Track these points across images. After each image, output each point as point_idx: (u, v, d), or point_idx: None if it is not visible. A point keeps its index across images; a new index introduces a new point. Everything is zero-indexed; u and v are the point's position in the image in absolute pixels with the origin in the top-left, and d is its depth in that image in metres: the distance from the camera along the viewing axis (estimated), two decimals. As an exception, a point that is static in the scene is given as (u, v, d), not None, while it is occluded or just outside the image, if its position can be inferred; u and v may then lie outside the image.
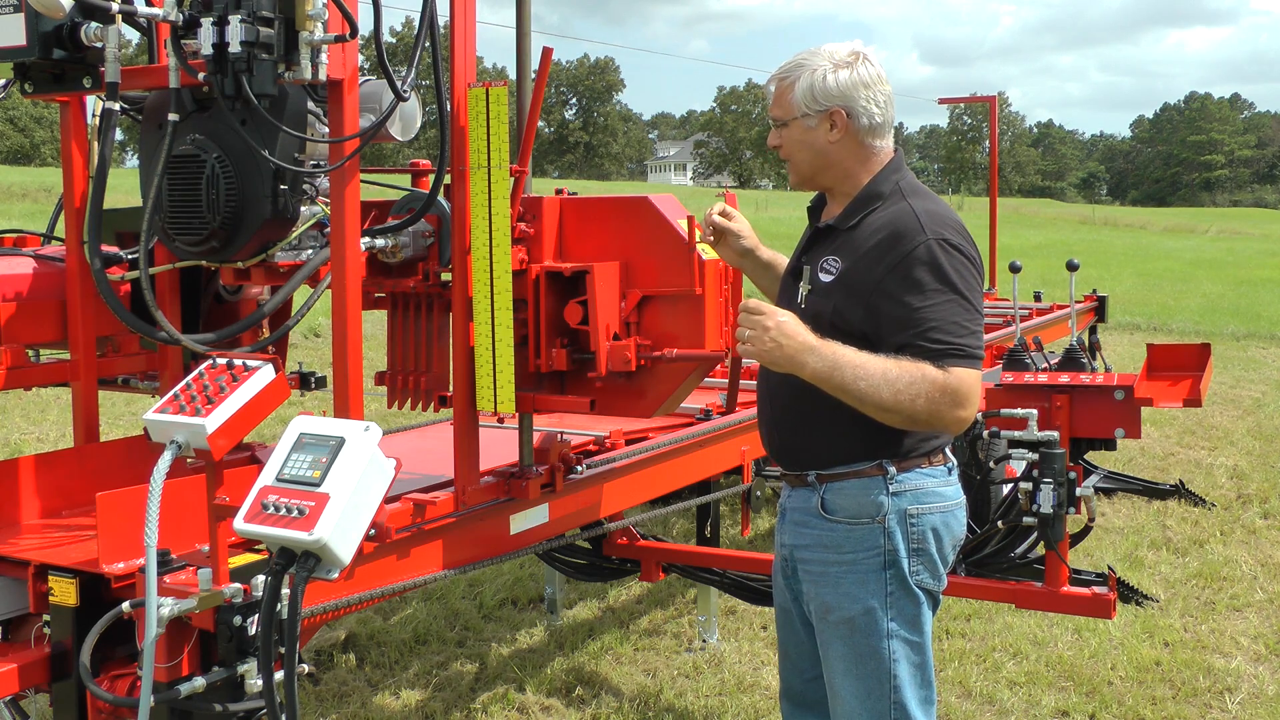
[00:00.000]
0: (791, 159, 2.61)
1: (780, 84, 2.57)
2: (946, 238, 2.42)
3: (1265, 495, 7.27)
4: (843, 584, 2.53)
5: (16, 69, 2.78)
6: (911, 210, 2.47)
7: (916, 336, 2.37)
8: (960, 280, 2.40)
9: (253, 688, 2.50)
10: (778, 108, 2.58)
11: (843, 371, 2.33)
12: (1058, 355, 6.33)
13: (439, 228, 3.13)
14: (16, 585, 2.80)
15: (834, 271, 2.51)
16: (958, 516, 2.60)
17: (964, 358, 2.36)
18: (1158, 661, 4.68)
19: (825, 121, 2.52)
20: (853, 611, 2.52)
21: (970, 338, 2.39)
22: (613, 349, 3.05)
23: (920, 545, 2.52)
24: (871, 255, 2.45)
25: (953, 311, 2.38)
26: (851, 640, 2.53)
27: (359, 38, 2.72)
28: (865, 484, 2.51)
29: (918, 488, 2.52)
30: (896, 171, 2.57)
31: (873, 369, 2.33)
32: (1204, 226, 49.60)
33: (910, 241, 2.41)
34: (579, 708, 4.29)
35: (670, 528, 6.38)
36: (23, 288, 3.12)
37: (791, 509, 2.65)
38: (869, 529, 2.51)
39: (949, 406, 2.34)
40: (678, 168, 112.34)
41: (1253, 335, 16.18)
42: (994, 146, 10.07)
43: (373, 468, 2.29)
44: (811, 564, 2.58)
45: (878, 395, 2.33)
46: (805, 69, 2.53)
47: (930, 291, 2.38)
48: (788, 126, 2.57)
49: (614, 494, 3.73)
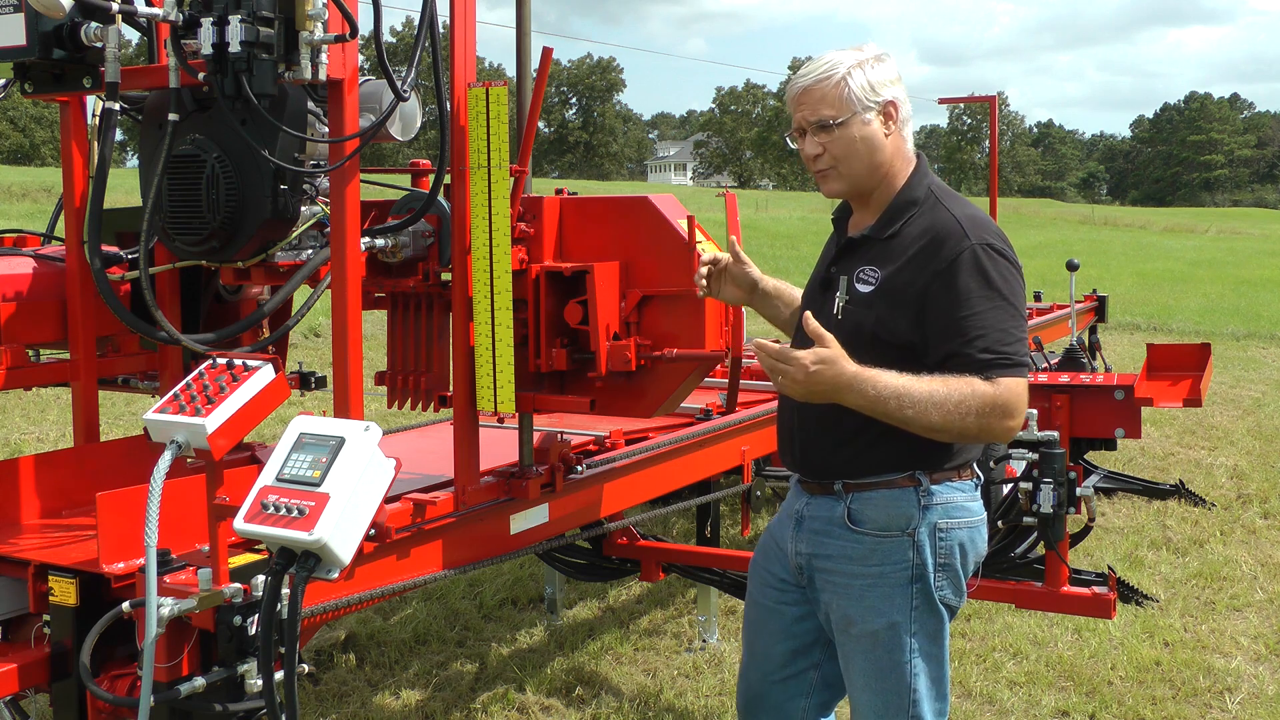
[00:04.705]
0: (843, 162, 2.47)
1: (822, 84, 2.44)
2: (990, 243, 2.40)
3: (1265, 495, 7.27)
4: (867, 597, 2.49)
5: (16, 69, 2.78)
6: (952, 216, 2.43)
7: (964, 345, 2.33)
8: (1005, 286, 2.37)
9: (253, 688, 2.49)
10: (826, 108, 2.43)
11: (886, 403, 2.28)
12: (1058, 355, 6.35)
13: (439, 228, 3.13)
14: (16, 585, 2.80)
15: (873, 282, 2.45)
16: (982, 533, 2.57)
17: (1010, 366, 2.33)
18: (1158, 661, 4.68)
19: (881, 114, 2.46)
20: (876, 625, 2.49)
21: (1017, 345, 2.36)
22: (613, 349, 3.05)
23: (947, 560, 2.49)
24: (915, 263, 2.41)
25: (999, 319, 2.35)
26: (873, 655, 2.50)
27: (359, 38, 2.72)
28: (896, 495, 2.47)
29: (948, 501, 2.48)
30: (926, 176, 2.53)
31: (918, 394, 2.28)
32: (1204, 226, 49.60)
33: (954, 248, 2.38)
34: (579, 708, 4.29)
35: (670, 528, 6.38)
36: (23, 288, 3.11)
37: (811, 517, 2.58)
38: (897, 541, 2.47)
39: (999, 419, 2.31)
40: (678, 168, 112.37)
41: (1253, 335, 16.18)
42: (994, 146, 10.06)
43: (373, 468, 2.29)
44: (834, 575, 2.53)
45: (927, 418, 2.29)
46: (847, 65, 2.44)
47: (976, 299, 2.35)
48: (844, 125, 2.43)
49: (614, 494, 3.73)
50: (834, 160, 2.48)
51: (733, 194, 4.01)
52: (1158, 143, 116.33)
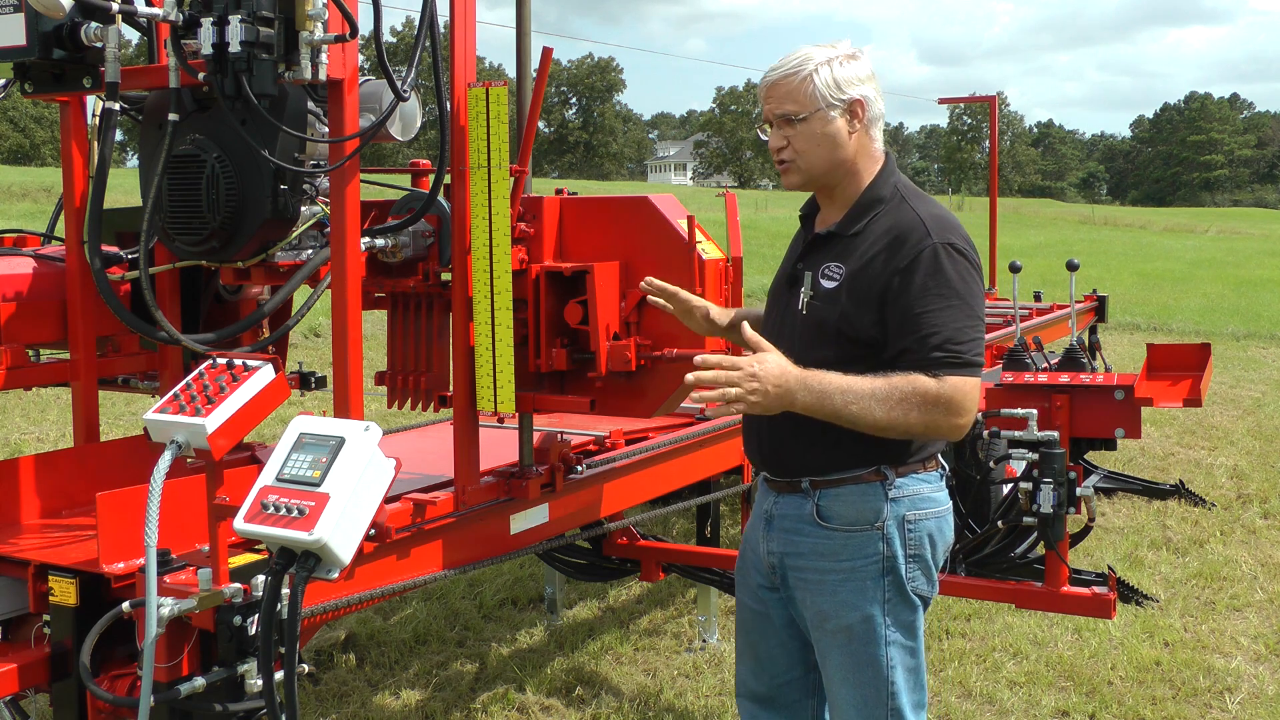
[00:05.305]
0: (803, 156, 2.50)
1: (789, 79, 2.47)
2: (952, 242, 2.41)
3: (1265, 495, 7.27)
4: (840, 592, 2.51)
5: (16, 69, 2.79)
6: (917, 214, 2.45)
7: (916, 342, 2.36)
8: (963, 286, 2.39)
9: (253, 688, 2.50)
10: (790, 103, 2.47)
11: (832, 398, 2.31)
12: (1058, 355, 6.34)
13: (439, 228, 3.13)
14: (16, 585, 2.80)
15: (837, 278, 2.47)
16: (949, 522, 2.60)
17: (960, 366, 2.35)
18: (1158, 661, 4.68)
19: (847, 112, 2.48)
20: (851, 619, 2.51)
21: (969, 344, 2.37)
22: (613, 349, 3.05)
23: (917, 551, 2.51)
24: (878, 260, 2.42)
25: (953, 317, 2.36)
26: (850, 648, 2.52)
27: (359, 38, 2.72)
28: (863, 490, 2.49)
29: (915, 493, 2.51)
30: (893, 174, 2.56)
31: (861, 389, 2.31)
32: (1204, 226, 49.59)
33: (916, 246, 2.40)
34: (579, 708, 4.29)
35: (670, 528, 6.38)
36: (23, 288, 3.12)
37: (781, 516, 2.60)
38: (867, 535, 2.49)
39: (944, 415, 2.33)
40: (678, 168, 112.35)
41: (1253, 335, 16.18)
42: (994, 146, 10.07)
43: (373, 468, 2.29)
44: (806, 572, 2.55)
45: (871, 415, 2.32)
46: (815, 61, 2.46)
47: (933, 296, 2.36)
48: (805, 121, 2.47)
49: (614, 494, 3.73)
50: (796, 154, 2.52)
51: (733, 194, 4.02)
52: (1158, 143, 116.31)
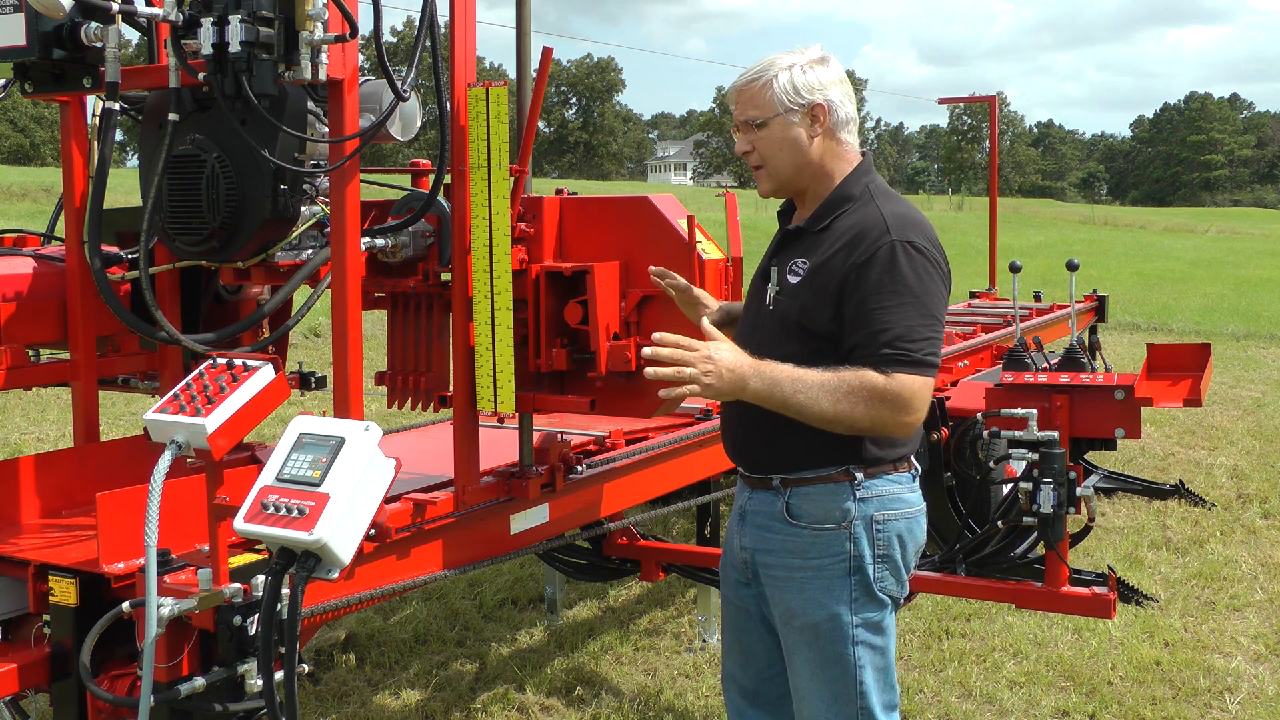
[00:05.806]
0: (769, 161, 2.55)
1: (752, 84, 2.52)
2: (911, 240, 2.41)
3: (1265, 495, 7.27)
4: (807, 590, 2.52)
5: (16, 69, 2.79)
6: (879, 212, 2.46)
7: (866, 338, 2.36)
8: (919, 284, 2.38)
9: (253, 688, 2.50)
10: (752, 108, 2.52)
11: (781, 386, 2.32)
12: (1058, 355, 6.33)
13: (439, 228, 3.13)
14: (16, 585, 2.80)
15: (801, 273, 2.50)
16: (921, 523, 2.60)
17: (910, 364, 2.34)
18: (1158, 661, 4.68)
19: (808, 116, 2.50)
20: (817, 617, 2.51)
21: (921, 343, 2.36)
22: (613, 349, 3.05)
23: (886, 551, 2.51)
24: (839, 256, 2.44)
25: (905, 315, 2.36)
26: (817, 646, 2.53)
27: (359, 38, 2.72)
28: (832, 489, 2.50)
29: (885, 494, 2.51)
30: (867, 174, 2.56)
31: (810, 380, 2.32)
32: (1204, 226, 49.54)
33: (874, 242, 2.40)
34: (579, 708, 4.29)
35: (670, 528, 6.38)
36: (23, 288, 3.12)
37: (753, 512, 2.62)
38: (835, 534, 2.50)
39: (890, 412, 2.33)
40: (678, 168, 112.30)
41: (1253, 335, 16.17)
42: (994, 146, 10.06)
43: (373, 468, 2.29)
44: (775, 569, 2.56)
45: (817, 406, 2.32)
46: (778, 67, 2.50)
47: (886, 293, 2.36)
48: (766, 126, 2.51)
49: (614, 494, 3.73)
50: (761, 159, 2.56)
51: (733, 194, 4.02)
52: (1158, 143, 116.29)
